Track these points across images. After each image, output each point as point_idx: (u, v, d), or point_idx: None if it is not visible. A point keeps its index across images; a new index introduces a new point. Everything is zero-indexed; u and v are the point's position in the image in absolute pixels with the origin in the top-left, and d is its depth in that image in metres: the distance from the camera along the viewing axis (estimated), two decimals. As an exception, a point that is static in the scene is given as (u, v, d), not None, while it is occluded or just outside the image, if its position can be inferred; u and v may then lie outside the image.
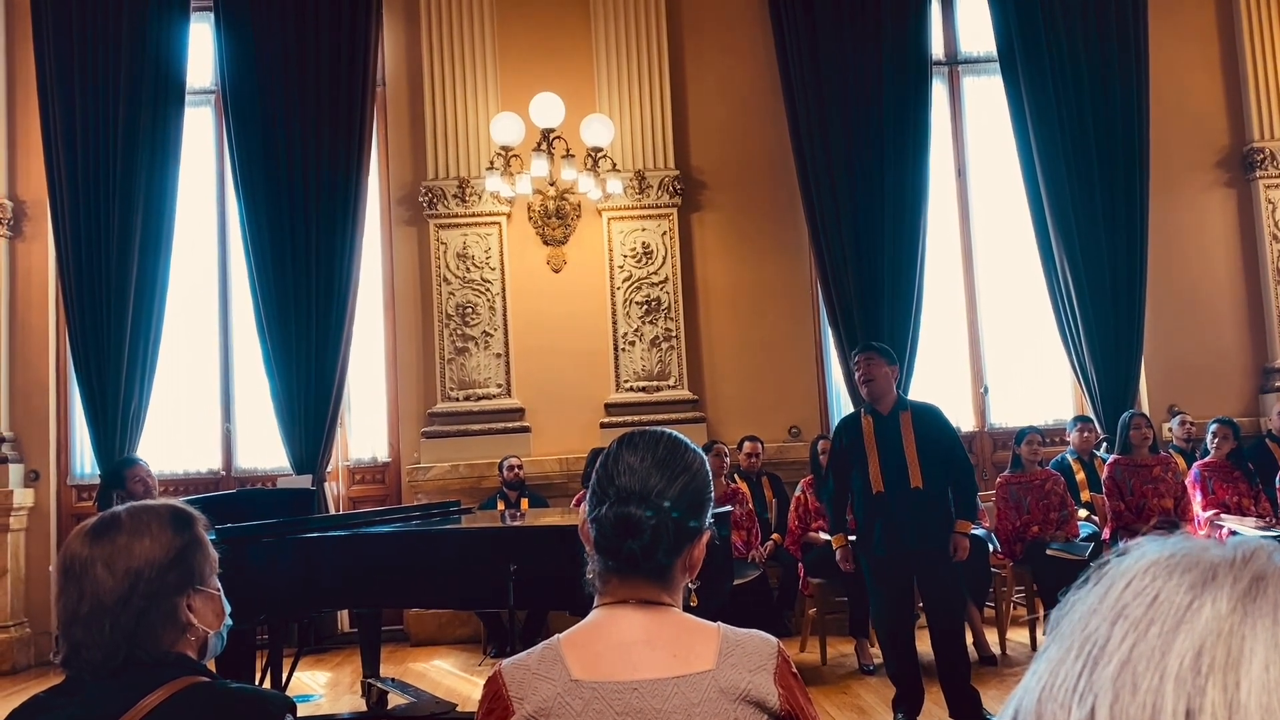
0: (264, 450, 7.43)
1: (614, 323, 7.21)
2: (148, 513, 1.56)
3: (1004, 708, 0.46)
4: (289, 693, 4.73)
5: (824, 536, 5.93)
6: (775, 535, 6.51)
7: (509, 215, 7.27)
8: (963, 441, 7.42)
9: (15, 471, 7.09)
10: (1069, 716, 0.41)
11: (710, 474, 1.46)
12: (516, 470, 6.75)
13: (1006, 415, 7.67)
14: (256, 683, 4.39)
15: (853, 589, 5.55)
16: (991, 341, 7.78)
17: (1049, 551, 5.72)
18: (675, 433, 1.47)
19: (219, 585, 1.61)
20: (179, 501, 1.68)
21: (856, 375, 4.71)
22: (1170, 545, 0.47)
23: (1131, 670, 0.41)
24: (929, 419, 4.63)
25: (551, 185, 7.11)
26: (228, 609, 1.62)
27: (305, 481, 6.86)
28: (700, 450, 1.47)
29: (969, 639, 5.22)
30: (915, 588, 4.74)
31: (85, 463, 7.38)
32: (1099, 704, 0.40)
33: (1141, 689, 0.40)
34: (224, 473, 7.47)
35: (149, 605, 1.49)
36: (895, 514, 4.50)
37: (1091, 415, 7.15)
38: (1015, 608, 6.28)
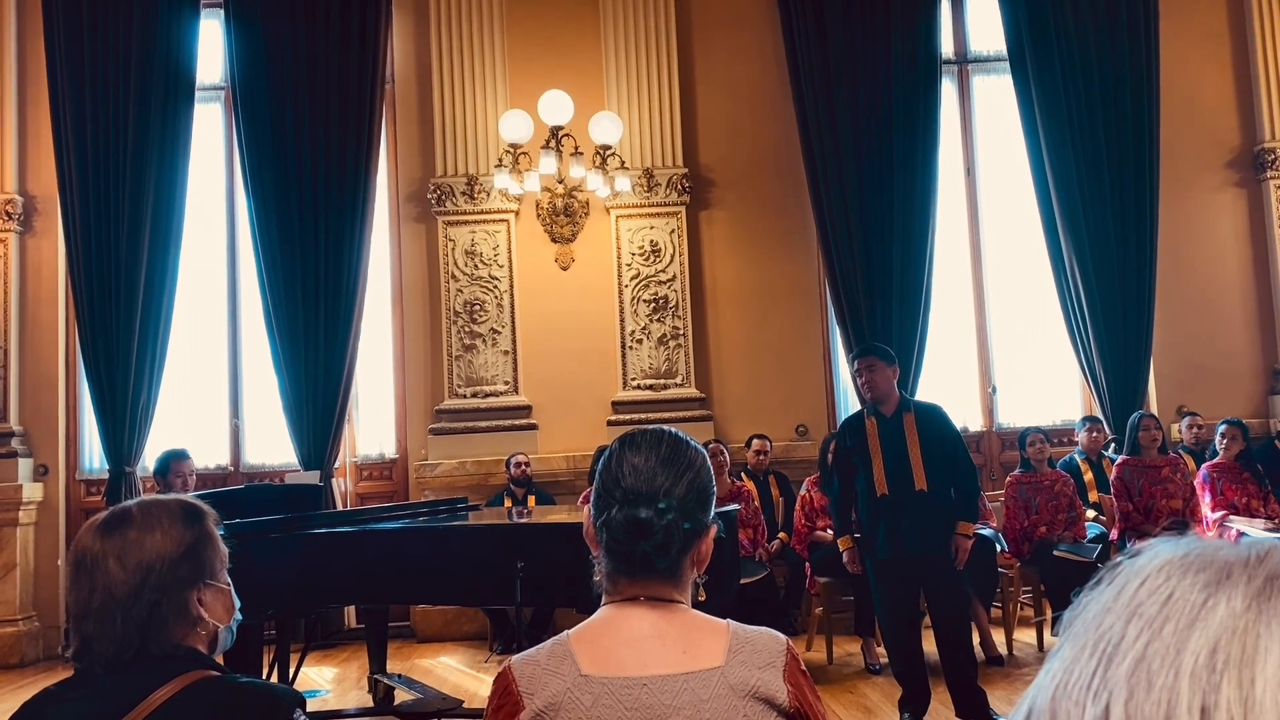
0: (272, 446, 7.45)
1: (621, 320, 7.22)
2: (158, 507, 1.57)
3: (1017, 706, 0.46)
4: (296, 688, 4.74)
5: (831, 536, 5.93)
6: (782, 534, 6.51)
7: (517, 213, 7.28)
8: (971, 441, 7.45)
9: (24, 466, 7.12)
10: (1083, 714, 0.41)
11: (712, 469, 1.46)
12: (523, 467, 6.76)
13: (1014, 415, 7.65)
14: (264, 678, 4.40)
15: (860, 589, 5.54)
16: (1000, 341, 7.76)
17: (1056, 552, 5.71)
18: (675, 430, 1.47)
19: (229, 580, 1.62)
20: (190, 496, 1.69)
21: (858, 380, 4.67)
22: (1184, 545, 0.47)
23: (1146, 667, 0.41)
24: (932, 420, 4.60)
25: (560, 183, 7.11)
26: (237, 604, 1.62)
27: (313, 478, 6.88)
28: (700, 446, 1.47)
29: (975, 639, 5.21)
30: (920, 589, 4.72)
31: (94, 458, 7.41)
32: (1114, 701, 0.41)
33: (1156, 686, 0.40)
34: (232, 468, 7.49)
35: (160, 599, 1.50)
36: (900, 517, 4.47)
37: (1100, 416, 7.12)
38: (1022, 608, 6.26)
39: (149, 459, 7.20)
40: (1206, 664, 0.40)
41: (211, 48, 7.56)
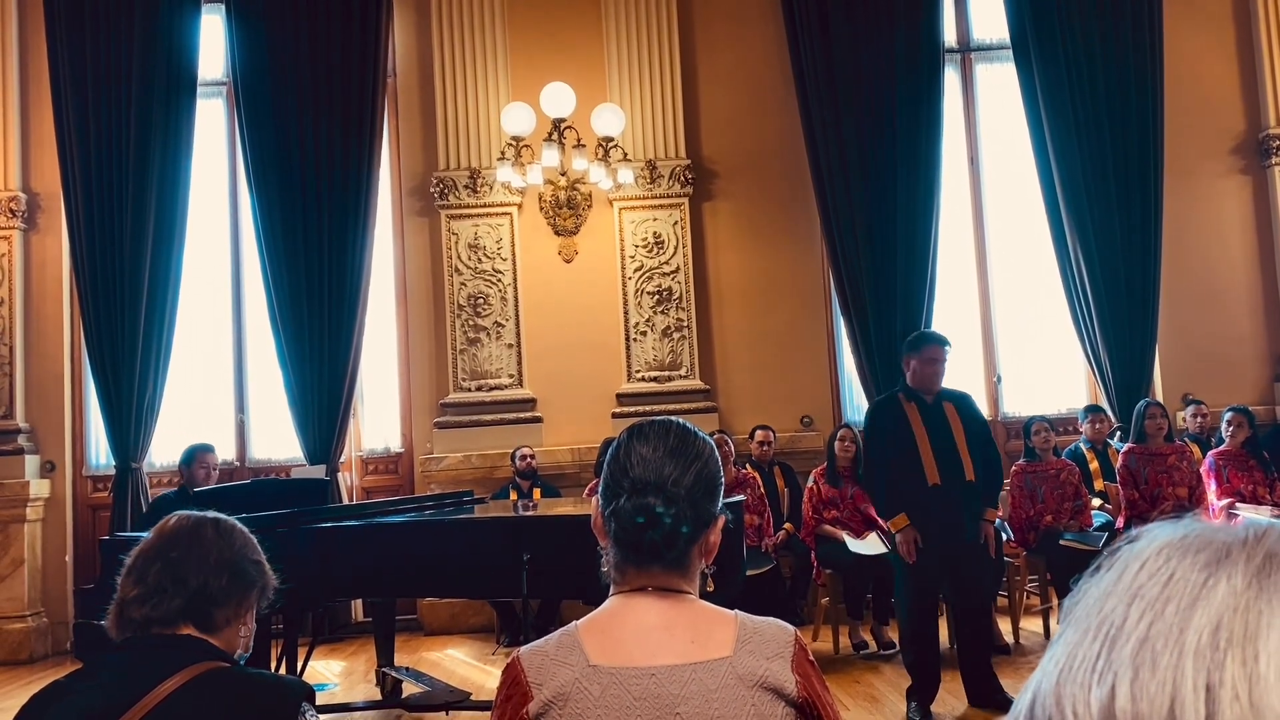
0: (278, 441, 7.47)
1: (625, 313, 7.22)
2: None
3: (1021, 693, 0.47)
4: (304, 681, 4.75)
5: (838, 531, 5.92)
6: (788, 525, 6.51)
7: (520, 205, 7.28)
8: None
9: (31, 463, 7.15)
10: (1089, 695, 0.41)
11: (719, 459, 1.46)
12: (529, 460, 6.77)
13: (1019, 405, 7.63)
14: (272, 671, 4.41)
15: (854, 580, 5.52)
16: (1004, 330, 7.75)
17: (1062, 541, 5.71)
18: (683, 420, 1.47)
19: (255, 624, 1.74)
20: None
21: (925, 368, 4.41)
22: (1182, 527, 0.47)
23: (1150, 648, 0.41)
24: (968, 408, 4.52)
25: (562, 175, 7.11)
26: (250, 647, 1.73)
27: (319, 472, 6.89)
28: (708, 436, 1.48)
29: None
30: (944, 578, 4.64)
31: (100, 454, 7.43)
32: (1119, 682, 0.41)
33: (1161, 666, 0.40)
34: (238, 463, 7.51)
35: (234, 575, 1.63)
36: (950, 507, 4.33)
37: (1105, 405, 7.11)
38: (1028, 597, 6.27)
39: (155, 455, 7.26)
40: (1210, 642, 0.40)
41: (213, 43, 7.56)
